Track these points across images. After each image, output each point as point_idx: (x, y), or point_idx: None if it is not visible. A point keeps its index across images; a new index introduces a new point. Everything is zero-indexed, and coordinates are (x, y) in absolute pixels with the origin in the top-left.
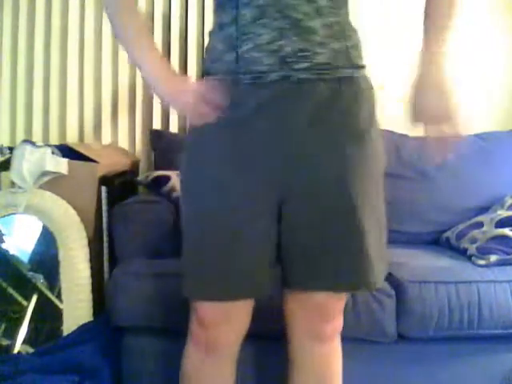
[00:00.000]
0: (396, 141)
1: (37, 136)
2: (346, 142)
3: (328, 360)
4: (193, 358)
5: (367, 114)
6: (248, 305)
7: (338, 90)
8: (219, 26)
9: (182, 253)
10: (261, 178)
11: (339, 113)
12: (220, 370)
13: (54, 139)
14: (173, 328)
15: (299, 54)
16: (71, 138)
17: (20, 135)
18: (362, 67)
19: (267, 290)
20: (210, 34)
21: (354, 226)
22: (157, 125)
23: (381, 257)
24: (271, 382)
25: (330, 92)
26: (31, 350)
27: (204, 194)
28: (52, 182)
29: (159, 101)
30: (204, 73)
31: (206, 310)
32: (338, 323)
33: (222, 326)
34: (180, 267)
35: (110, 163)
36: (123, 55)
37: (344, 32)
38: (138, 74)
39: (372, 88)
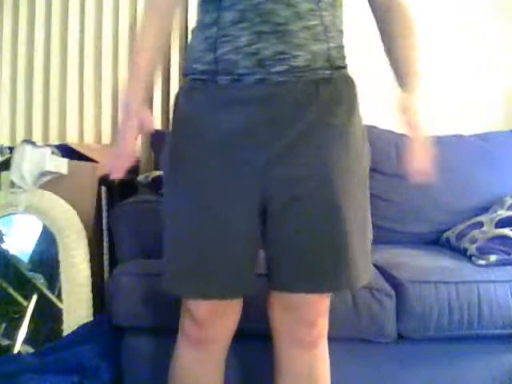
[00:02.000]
0: (396, 141)
1: (37, 136)
2: (325, 142)
3: (313, 365)
4: (184, 354)
5: (346, 114)
6: (237, 302)
7: (315, 91)
8: (201, 27)
9: (164, 251)
10: (243, 177)
11: (317, 113)
12: (210, 365)
13: (54, 139)
14: (173, 328)
15: (277, 56)
16: (71, 138)
17: (20, 135)
18: (343, 68)
19: (254, 288)
20: (193, 32)
21: (338, 226)
22: (157, 125)
23: (365, 256)
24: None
25: (307, 94)
26: (31, 350)
27: (187, 194)
28: (52, 182)
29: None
30: (185, 72)
31: (198, 307)
32: (322, 327)
33: (213, 323)
34: (163, 264)
35: None
36: (123, 55)
37: (326, 33)
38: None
39: (353, 88)
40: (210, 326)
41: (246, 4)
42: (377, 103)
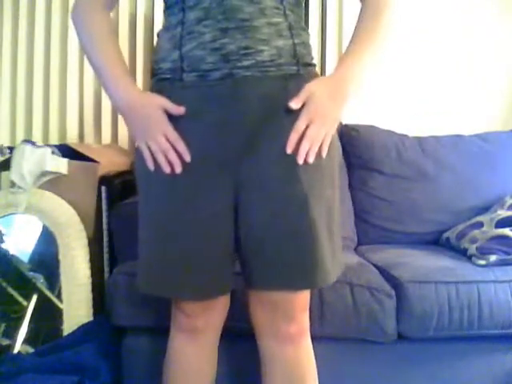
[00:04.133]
0: (396, 141)
1: (37, 136)
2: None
3: (296, 361)
4: (176, 341)
5: None
6: (224, 296)
7: (283, 87)
8: (167, 28)
9: (140, 252)
10: (215, 176)
11: (286, 109)
12: (203, 351)
13: (54, 139)
14: None
15: (242, 51)
16: (71, 138)
17: (20, 135)
18: (310, 65)
19: (231, 286)
20: (158, 34)
21: (305, 221)
22: None
23: (333, 251)
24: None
25: (275, 89)
26: (31, 350)
27: (159, 195)
28: (52, 182)
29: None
30: (152, 73)
31: (186, 301)
32: (303, 323)
33: (201, 314)
34: (139, 265)
35: (109, 163)
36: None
37: (290, 30)
38: (138, 74)
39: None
40: (199, 318)
41: (209, 2)
42: (377, 103)
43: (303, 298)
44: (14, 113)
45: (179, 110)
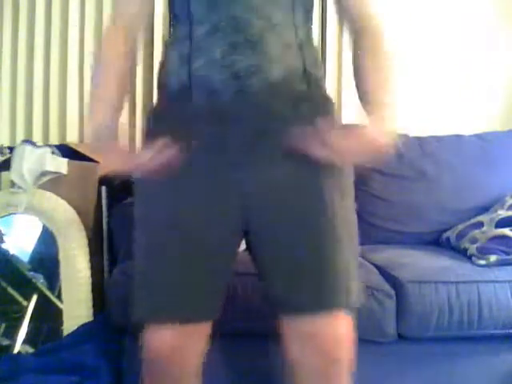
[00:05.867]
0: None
1: (37, 136)
2: (305, 157)
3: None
4: None
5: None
6: (206, 327)
7: (292, 106)
8: (174, 40)
9: (134, 278)
10: (220, 198)
11: (297, 131)
12: None
13: (54, 139)
14: None
15: (252, 69)
16: (71, 138)
17: (20, 135)
18: (320, 83)
19: (218, 313)
20: (167, 45)
21: (329, 242)
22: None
23: (356, 274)
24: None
25: (284, 109)
26: (31, 350)
27: (159, 224)
28: (52, 182)
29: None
30: (159, 84)
31: (164, 336)
32: (345, 359)
33: (180, 351)
34: (132, 293)
35: None
36: None
37: (301, 48)
38: (138, 74)
39: (331, 105)
40: (176, 356)
41: (218, 16)
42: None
43: (340, 328)
44: (14, 113)
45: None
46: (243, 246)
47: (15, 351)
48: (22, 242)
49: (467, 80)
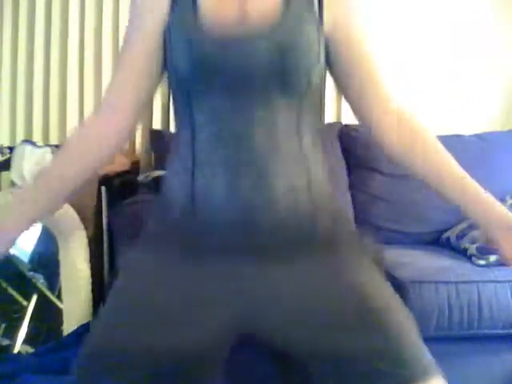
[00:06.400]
0: None
1: (37, 136)
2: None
3: None
4: None
5: (345, 244)
6: None
7: (306, 228)
8: (178, 144)
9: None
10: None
11: (313, 251)
12: None
13: (54, 139)
14: None
15: (256, 191)
16: None
17: (20, 135)
18: (329, 202)
19: None
20: (172, 149)
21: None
22: (157, 125)
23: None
24: None
25: (295, 232)
26: (31, 350)
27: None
28: None
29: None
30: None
31: None
32: None
33: None
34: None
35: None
36: None
37: (306, 163)
38: None
39: (347, 226)
40: None
41: (218, 126)
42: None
43: None
44: (14, 113)
45: None
46: None
47: (15, 351)
48: (21, 242)
49: (467, 80)
